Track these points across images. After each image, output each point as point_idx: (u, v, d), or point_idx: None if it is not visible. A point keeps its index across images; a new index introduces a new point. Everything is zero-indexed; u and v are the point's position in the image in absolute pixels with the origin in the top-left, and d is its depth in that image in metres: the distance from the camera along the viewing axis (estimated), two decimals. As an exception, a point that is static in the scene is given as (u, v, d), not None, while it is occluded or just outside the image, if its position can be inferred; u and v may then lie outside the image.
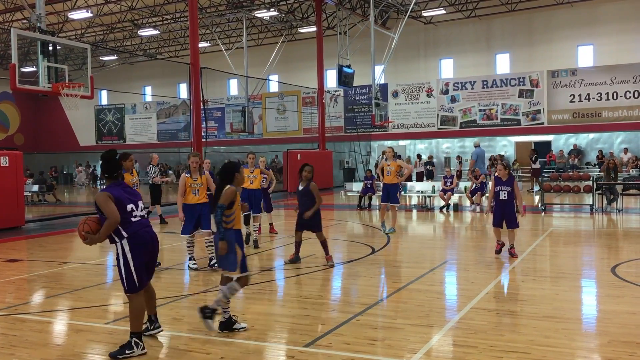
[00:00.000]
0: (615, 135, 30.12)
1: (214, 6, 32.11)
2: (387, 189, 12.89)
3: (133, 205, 5.32)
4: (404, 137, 35.03)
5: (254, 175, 11.29)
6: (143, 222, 5.38)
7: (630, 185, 17.68)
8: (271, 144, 36.95)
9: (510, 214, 9.38)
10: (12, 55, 13.29)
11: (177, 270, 9.21)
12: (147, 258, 5.32)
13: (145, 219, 5.44)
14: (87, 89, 14.82)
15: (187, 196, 8.96)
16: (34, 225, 16.02)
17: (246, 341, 5.51)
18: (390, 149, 13.19)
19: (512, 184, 9.44)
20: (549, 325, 5.73)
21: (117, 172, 5.39)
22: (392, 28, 31.52)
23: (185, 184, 8.89)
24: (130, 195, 5.38)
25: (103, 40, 38.49)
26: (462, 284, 7.64)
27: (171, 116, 43.02)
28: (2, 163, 14.51)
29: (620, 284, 7.50)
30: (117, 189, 5.29)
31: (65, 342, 5.70)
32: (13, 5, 29.66)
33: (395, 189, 12.93)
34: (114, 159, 5.39)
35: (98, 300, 7.33)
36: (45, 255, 10.91)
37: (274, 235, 12.77)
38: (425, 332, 5.68)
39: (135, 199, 5.41)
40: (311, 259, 9.69)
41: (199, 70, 21.63)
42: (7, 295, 7.70)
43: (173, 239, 12.83)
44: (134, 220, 5.28)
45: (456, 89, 33.48)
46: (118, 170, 5.40)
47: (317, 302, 7.01)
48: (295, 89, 35.31)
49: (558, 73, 31.00)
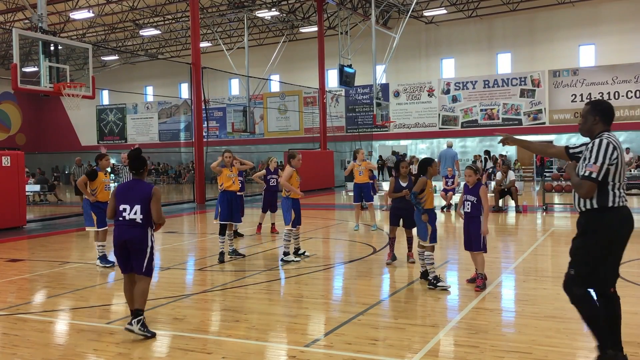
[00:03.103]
0: (616, 135, 30.08)
1: (215, 6, 32.12)
2: (360, 189, 13.40)
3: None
4: (405, 137, 35.02)
5: (234, 174, 9.87)
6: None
7: (631, 185, 17.66)
8: (272, 144, 36.96)
9: (475, 233, 7.38)
10: (13, 55, 13.30)
11: (177, 270, 9.22)
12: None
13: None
14: (89, 89, 14.84)
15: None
16: (36, 225, 16.03)
17: (247, 341, 5.51)
18: (362, 150, 13.89)
19: (478, 193, 7.44)
20: (551, 325, 5.73)
21: (143, 169, 5.95)
22: (393, 28, 31.53)
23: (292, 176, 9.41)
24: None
25: (104, 40, 38.52)
26: (463, 284, 7.63)
27: (172, 116, 43.04)
28: (4, 163, 14.53)
29: (622, 284, 7.44)
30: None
31: (66, 342, 5.71)
32: (14, 5, 29.69)
33: (368, 188, 13.51)
34: (139, 157, 5.92)
35: (99, 300, 7.34)
36: (47, 255, 10.92)
37: (275, 235, 12.77)
38: (426, 332, 5.67)
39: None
40: (312, 259, 9.69)
41: (200, 70, 21.65)
42: (9, 295, 7.71)
43: (174, 239, 12.84)
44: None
45: (457, 89, 33.46)
46: (144, 166, 5.95)
47: (319, 301, 7.01)
48: (296, 88, 35.32)
49: (559, 73, 30.97)
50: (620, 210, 4.29)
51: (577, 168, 4.41)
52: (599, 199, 4.27)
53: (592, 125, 4.42)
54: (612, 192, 4.27)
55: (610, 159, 4.21)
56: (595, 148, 4.25)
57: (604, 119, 4.41)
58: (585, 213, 4.38)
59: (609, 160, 4.20)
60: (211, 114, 38.18)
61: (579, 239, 4.43)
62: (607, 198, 4.26)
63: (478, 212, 7.37)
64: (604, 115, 4.41)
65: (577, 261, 4.43)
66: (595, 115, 4.41)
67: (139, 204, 5.68)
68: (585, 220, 4.39)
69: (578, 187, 4.30)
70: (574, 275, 4.41)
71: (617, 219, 4.29)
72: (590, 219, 4.34)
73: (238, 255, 9.92)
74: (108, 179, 9.53)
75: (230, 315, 6.39)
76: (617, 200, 4.27)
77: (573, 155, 4.55)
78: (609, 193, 4.26)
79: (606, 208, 4.27)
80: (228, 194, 9.68)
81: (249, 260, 9.88)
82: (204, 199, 21.78)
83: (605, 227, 4.28)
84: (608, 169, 4.21)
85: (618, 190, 4.29)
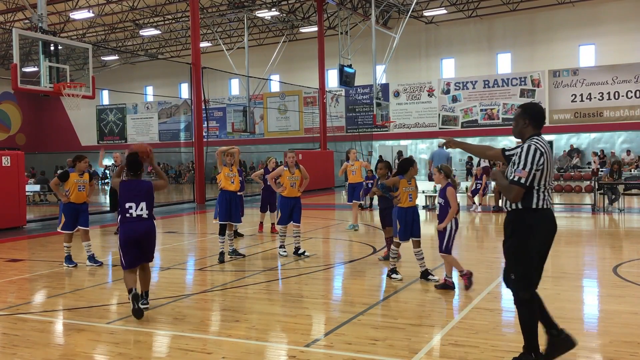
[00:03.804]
0: (616, 135, 30.09)
1: (215, 6, 32.12)
2: (354, 188, 13.52)
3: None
4: (405, 137, 35.02)
5: (233, 173, 9.74)
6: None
7: (631, 185, 17.67)
8: (272, 144, 36.96)
9: (440, 235, 7.34)
10: (13, 55, 13.29)
11: (177, 270, 9.22)
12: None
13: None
14: (89, 89, 14.84)
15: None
16: (36, 225, 16.03)
17: (247, 341, 5.51)
18: (354, 150, 14.17)
19: (444, 194, 7.35)
20: (551, 325, 5.72)
21: (140, 170, 6.52)
22: (393, 28, 31.53)
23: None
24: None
25: (104, 40, 38.52)
26: (464, 284, 7.62)
27: (172, 116, 43.05)
28: (4, 163, 14.53)
29: (622, 284, 7.49)
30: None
31: (66, 341, 5.71)
32: (14, 5, 29.69)
33: (360, 189, 13.69)
34: (137, 160, 6.47)
35: (99, 300, 7.34)
36: (47, 255, 10.92)
37: (275, 235, 12.77)
38: (426, 332, 5.68)
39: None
40: (312, 259, 9.69)
41: (200, 70, 21.65)
42: (9, 295, 7.71)
43: (174, 239, 12.84)
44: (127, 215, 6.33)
45: (457, 89, 33.46)
46: (140, 168, 6.51)
47: (319, 301, 7.01)
48: (296, 88, 35.32)
49: (559, 73, 30.97)
50: (543, 212, 4.44)
51: (506, 172, 4.55)
52: (524, 200, 4.43)
53: (523, 128, 4.55)
54: (537, 194, 4.42)
55: (537, 165, 4.34)
56: (523, 154, 4.39)
57: (534, 123, 4.53)
58: (511, 213, 4.54)
59: (535, 165, 4.33)
60: (211, 114, 38.18)
61: (509, 241, 4.55)
62: (532, 200, 4.41)
63: (445, 213, 7.30)
64: (533, 118, 4.54)
65: (513, 264, 4.53)
66: (525, 118, 4.55)
67: (144, 200, 6.32)
68: (512, 220, 4.53)
69: (507, 192, 4.45)
70: (515, 280, 4.51)
71: (541, 219, 4.44)
72: (516, 220, 4.50)
73: (238, 255, 9.91)
74: (83, 180, 9.42)
75: (230, 315, 6.39)
76: (542, 203, 4.42)
77: (509, 157, 4.65)
78: (533, 195, 4.41)
79: (530, 209, 4.42)
80: (227, 194, 9.63)
81: (249, 260, 9.88)
82: (204, 199, 21.78)
83: (530, 227, 4.42)
84: (535, 174, 4.35)
85: (543, 193, 4.44)
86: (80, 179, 9.36)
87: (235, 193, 9.74)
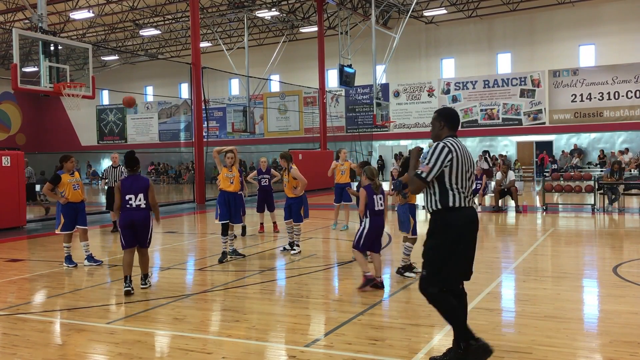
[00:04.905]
0: (616, 135, 30.10)
1: (215, 6, 32.13)
2: (342, 188, 13.38)
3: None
4: (405, 137, 35.03)
5: (233, 174, 9.71)
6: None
7: (632, 185, 17.66)
8: (272, 144, 36.97)
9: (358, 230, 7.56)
10: (13, 55, 13.29)
11: (177, 270, 9.22)
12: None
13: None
14: (89, 89, 14.83)
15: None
16: (35, 225, 16.03)
17: (247, 341, 5.51)
18: (344, 150, 14.17)
19: (383, 195, 7.59)
20: (551, 325, 5.72)
21: (137, 166, 7.56)
22: (393, 28, 31.53)
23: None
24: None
25: (104, 40, 38.53)
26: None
27: (172, 116, 43.06)
28: (4, 163, 14.53)
29: (622, 284, 7.49)
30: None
31: (66, 341, 5.70)
32: (14, 5, 29.70)
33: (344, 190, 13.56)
34: (134, 157, 7.52)
35: (99, 300, 7.33)
36: (47, 255, 10.92)
37: (276, 234, 12.78)
38: (426, 332, 5.68)
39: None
40: (312, 259, 9.69)
41: (200, 70, 21.66)
42: (9, 295, 7.71)
43: (174, 239, 12.84)
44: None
45: (457, 89, 33.47)
46: (137, 164, 7.55)
47: (319, 301, 7.01)
48: (296, 88, 35.33)
49: (559, 73, 30.98)
50: (462, 211, 4.50)
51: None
52: (442, 200, 4.52)
53: (439, 131, 4.69)
54: (452, 193, 4.49)
55: (444, 161, 4.43)
56: (431, 151, 4.52)
57: (449, 125, 4.66)
58: (432, 214, 4.62)
59: (441, 162, 4.43)
60: (211, 114, 38.20)
61: (428, 240, 4.64)
62: (448, 199, 4.49)
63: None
64: (447, 121, 4.67)
65: (426, 261, 4.64)
66: (440, 121, 4.70)
67: (142, 192, 7.37)
68: (432, 220, 4.62)
69: (410, 183, 4.65)
70: (425, 275, 4.60)
71: (459, 219, 4.49)
72: (436, 220, 4.57)
73: (238, 256, 9.91)
74: (75, 179, 9.40)
75: (230, 315, 6.39)
76: (459, 202, 4.49)
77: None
78: (449, 194, 4.49)
79: (448, 208, 4.49)
80: (226, 194, 9.62)
81: (249, 260, 9.88)
82: (204, 199, 21.78)
83: (448, 226, 4.49)
84: (443, 171, 4.44)
85: (458, 192, 4.49)
86: (72, 178, 9.37)
87: (234, 193, 9.72)
